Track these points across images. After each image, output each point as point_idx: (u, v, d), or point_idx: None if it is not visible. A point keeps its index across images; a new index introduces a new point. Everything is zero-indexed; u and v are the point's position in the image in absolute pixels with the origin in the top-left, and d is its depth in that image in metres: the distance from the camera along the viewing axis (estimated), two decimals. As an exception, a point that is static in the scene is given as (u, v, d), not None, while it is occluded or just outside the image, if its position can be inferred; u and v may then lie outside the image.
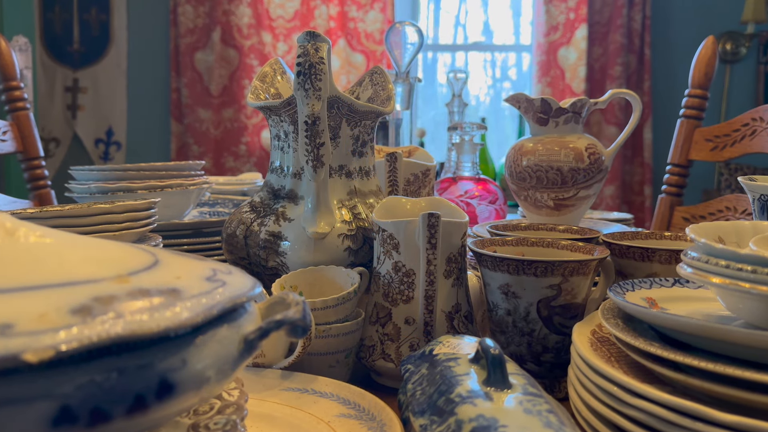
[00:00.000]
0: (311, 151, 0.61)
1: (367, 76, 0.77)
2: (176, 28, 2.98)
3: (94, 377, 0.23)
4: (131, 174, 0.90)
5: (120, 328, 0.23)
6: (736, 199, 1.17)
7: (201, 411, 0.38)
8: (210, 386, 0.28)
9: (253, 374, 0.54)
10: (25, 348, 0.21)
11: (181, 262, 0.32)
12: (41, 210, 0.66)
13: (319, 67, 0.59)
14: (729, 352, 0.40)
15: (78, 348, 0.22)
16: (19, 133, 1.26)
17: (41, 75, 3.05)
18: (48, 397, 0.22)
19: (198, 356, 0.27)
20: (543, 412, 0.35)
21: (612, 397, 0.41)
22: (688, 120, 1.27)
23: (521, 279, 0.56)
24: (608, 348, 0.49)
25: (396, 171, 0.79)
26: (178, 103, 3.02)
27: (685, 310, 0.50)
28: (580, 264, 0.56)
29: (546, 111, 0.89)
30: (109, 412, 0.24)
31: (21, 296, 0.24)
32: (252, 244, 0.67)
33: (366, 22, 2.99)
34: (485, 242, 0.65)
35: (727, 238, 0.49)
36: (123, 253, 0.31)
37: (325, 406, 0.49)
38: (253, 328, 0.31)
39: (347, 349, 0.59)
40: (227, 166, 3.00)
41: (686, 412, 0.37)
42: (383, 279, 0.60)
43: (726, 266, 0.40)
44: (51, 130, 3.10)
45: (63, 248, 0.30)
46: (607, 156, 0.90)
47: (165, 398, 0.26)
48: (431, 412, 0.38)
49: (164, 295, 0.27)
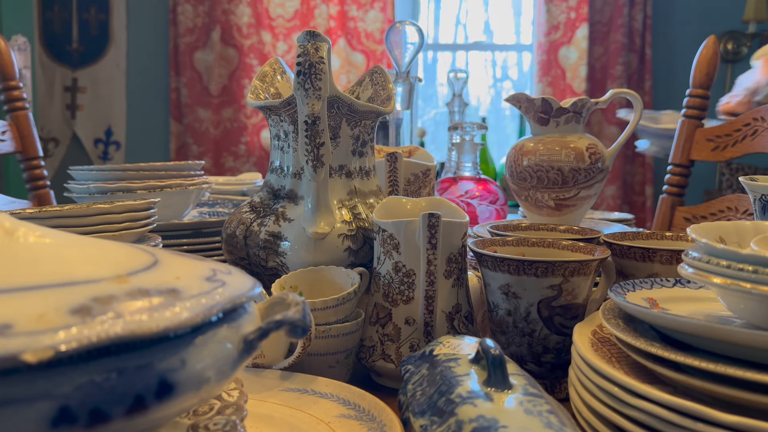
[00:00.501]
0: (311, 151, 0.61)
1: (367, 76, 0.77)
2: (176, 28, 2.98)
3: (93, 377, 0.23)
4: (130, 174, 0.90)
5: (119, 328, 0.23)
6: (737, 199, 1.17)
7: (201, 411, 0.38)
8: (209, 387, 0.28)
9: (253, 375, 0.54)
10: (24, 348, 0.21)
11: (181, 262, 0.32)
12: (40, 210, 0.66)
13: (319, 66, 0.59)
14: (730, 352, 0.40)
15: (77, 348, 0.22)
16: (18, 133, 1.25)
17: (40, 75, 3.05)
18: (47, 397, 0.22)
19: (197, 356, 0.27)
20: (544, 413, 0.35)
21: (613, 398, 0.41)
22: (690, 120, 1.27)
23: (522, 279, 0.56)
24: (609, 348, 0.49)
25: (396, 171, 0.79)
26: (177, 102, 3.02)
27: (686, 311, 0.50)
28: (581, 264, 0.56)
29: (547, 111, 0.89)
30: (109, 412, 0.24)
31: (20, 296, 0.24)
32: (252, 244, 0.67)
33: (366, 21, 2.99)
34: (486, 242, 0.65)
35: (729, 239, 0.49)
36: (122, 254, 0.31)
37: (325, 407, 0.49)
38: (252, 329, 0.31)
39: (347, 349, 0.59)
40: (227, 166, 3.00)
41: (687, 412, 0.37)
42: (383, 279, 0.60)
43: (727, 266, 0.40)
44: (50, 130, 3.10)
45: (62, 248, 0.30)
46: (608, 156, 0.90)
47: (164, 398, 0.26)
48: (431, 413, 0.38)
49: (164, 296, 0.27)
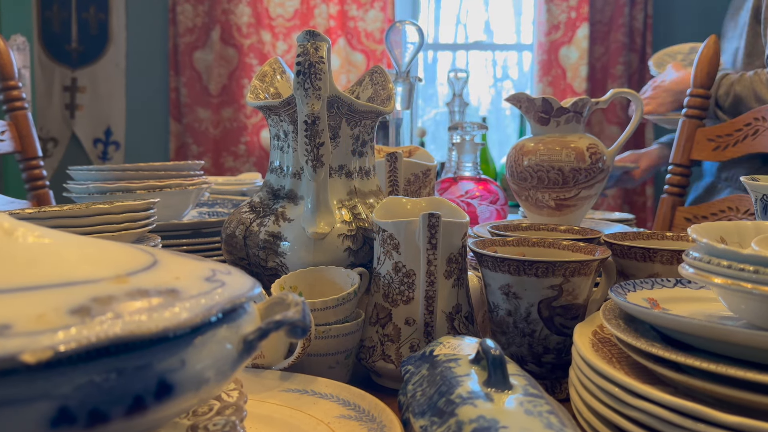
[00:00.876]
0: (311, 151, 0.61)
1: (367, 76, 0.77)
2: (175, 27, 2.98)
3: (92, 378, 0.23)
4: (130, 174, 0.90)
5: (118, 328, 0.23)
6: (738, 200, 1.17)
7: (200, 412, 0.38)
8: (209, 387, 0.28)
9: (253, 375, 0.54)
10: (23, 348, 0.21)
11: (180, 262, 0.32)
12: (39, 210, 0.66)
13: (318, 66, 0.59)
14: (731, 352, 0.40)
15: (76, 349, 0.22)
16: (17, 133, 1.26)
17: (39, 74, 3.05)
18: (46, 397, 0.22)
19: (197, 357, 0.27)
20: (544, 413, 0.35)
21: (613, 398, 0.41)
22: (690, 120, 1.27)
23: (522, 279, 0.56)
24: (609, 349, 0.49)
25: (396, 171, 0.79)
26: (177, 102, 3.02)
27: (686, 311, 0.50)
28: (582, 264, 0.56)
29: (547, 110, 0.89)
30: (108, 413, 0.24)
31: (19, 297, 0.24)
32: (251, 244, 0.67)
33: (366, 21, 2.99)
34: (486, 242, 0.65)
35: (729, 239, 0.49)
36: (122, 254, 0.31)
37: (325, 408, 0.49)
38: (252, 329, 0.31)
39: (347, 350, 0.59)
40: (226, 166, 3.00)
41: (688, 413, 0.37)
42: (383, 279, 0.61)
43: (728, 266, 0.40)
44: (49, 130, 3.10)
45: (61, 248, 0.30)
46: (609, 156, 0.90)
47: (164, 399, 0.26)
48: (431, 414, 0.38)
49: (163, 296, 0.27)
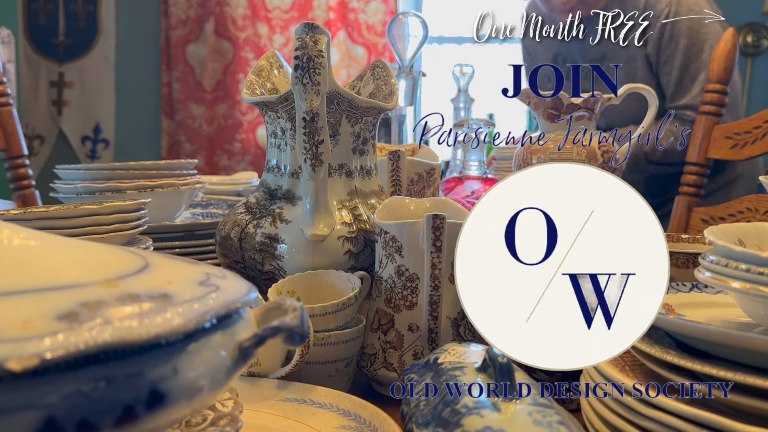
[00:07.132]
0: (310, 149, 0.61)
1: (369, 70, 0.77)
2: (167, 20, 2.99)
3: (80, 387, 0.23)
4: (120, 173, 0.91)
5: (108, 335, 0.23)
6: (757, 200, 1.17)
7: (193, 422, 0.38)
8: (203, 396, 0.28)
9: (249, 384, 0.54)
10: (8, 356, 0.21)
11: (173, 265, 0.32)
12: (25, 211, 0.66)
13: (317, 60, 0.59)
14: (749, 360, 0.40)
15: (64, 356, 0.22)
16: (2, 131, 1.26)
17: (25, 69, 3.06)
18: (32, 407, 0.22)
19: (190, 365, 0.27)
20: (554, 424, 0.35)
21: (627, 408, 0.41)
22: (707, 116, 1.26)
23: (531, 284, 0.56)
24: (622, 356, 0.49)
25: (399, 170, 0.79)
26: (169, 98, 3.03)
27: (703, 317, 0.50)
28: (593, 268, 0.56)
29: (557, 107, 0.89)
30: (97, 423, 0.24)
31: (4, 302, 0.24)
32: (247, 247, 0.67)
33: (367, 13, 2.99)
34: (493, 245, 0.65)
35: (748, 241, 0.49)
36: (111, 257, 0.32)
37: (324, 418, 0.49)
38: (248, 335, 0.31)
39: (347, 357, 0.59)
40: (221, 165, 3.01)
41: (705, 423, 0.37)
42: (385, 284, 0.61)
43: (746, 270, 0.40)
44: (35, 127, 3.10)
45: (48, 251, 0.30)
46: (621, 154, 0.90)
47: (155, 409, 0.26)
48: (436, 424, 0.38)
49: (155, 301, 0.27)
